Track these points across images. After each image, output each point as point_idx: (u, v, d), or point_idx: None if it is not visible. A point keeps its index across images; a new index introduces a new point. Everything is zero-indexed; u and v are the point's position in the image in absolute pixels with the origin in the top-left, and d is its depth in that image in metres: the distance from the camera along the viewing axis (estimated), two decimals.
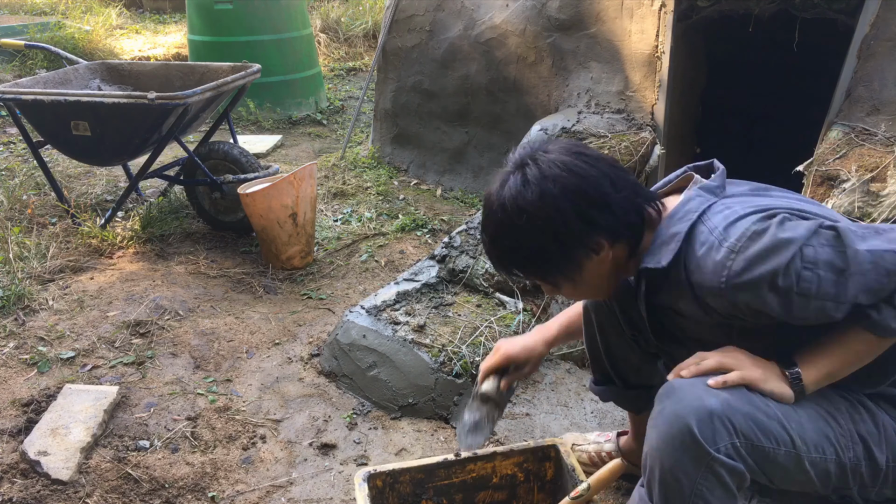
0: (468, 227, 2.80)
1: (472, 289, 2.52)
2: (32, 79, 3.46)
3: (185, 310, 2.76)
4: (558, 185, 1.23)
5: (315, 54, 5.93)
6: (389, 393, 2.21)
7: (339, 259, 3.28)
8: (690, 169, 1.40)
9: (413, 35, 4.13)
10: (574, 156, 1.26)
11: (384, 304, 2.43)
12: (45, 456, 1.93)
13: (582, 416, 2.21)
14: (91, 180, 4.23)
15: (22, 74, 6.24)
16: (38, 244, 3.18)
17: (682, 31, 3.26)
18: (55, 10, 8.89)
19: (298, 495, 1.90)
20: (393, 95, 4.33)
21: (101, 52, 6.76)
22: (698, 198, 1.27)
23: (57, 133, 3.25)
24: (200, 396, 2.28)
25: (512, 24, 3.70)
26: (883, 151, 2.55)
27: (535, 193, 1.23)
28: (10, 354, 2.45)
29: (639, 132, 3.26)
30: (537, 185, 1.23)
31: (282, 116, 5.61)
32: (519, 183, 1.25)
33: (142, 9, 10.44)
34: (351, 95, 6.49)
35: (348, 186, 4.08)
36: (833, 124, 2.76)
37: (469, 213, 3.77)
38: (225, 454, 2.03)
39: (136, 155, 3.34)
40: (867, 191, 2.46)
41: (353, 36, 7.89)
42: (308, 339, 2.62)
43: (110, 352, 2.49)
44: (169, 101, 2.94)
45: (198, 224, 3.58)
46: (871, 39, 2.69)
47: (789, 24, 3.00)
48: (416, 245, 3.41)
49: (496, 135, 3.95)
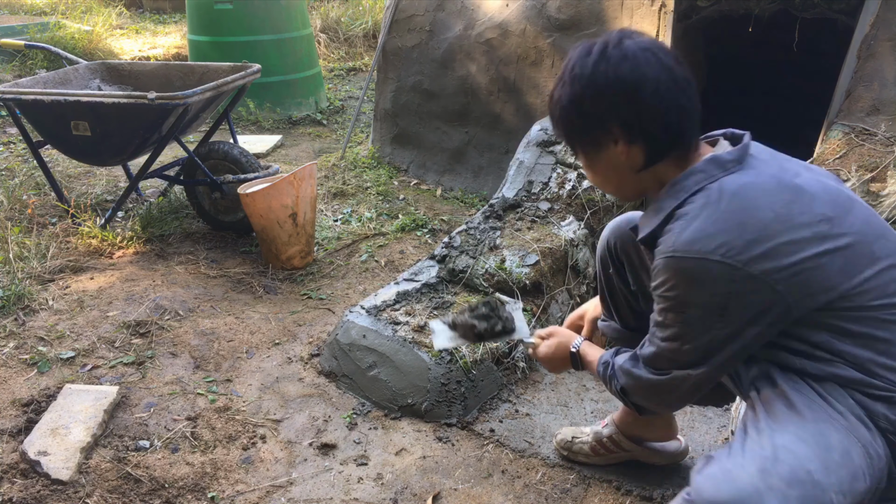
0: (468, 227, 2.80)
1: (472, 289, 2.52)
2: (32, 79, 3.46)
3: (185, 310, 2.76)
4: (610, 64, 1.30)
5: (315, 54, 5.93)
6: (389, 393, 2.21)
7: (339, 259, 3.28)
8: (727, 135, 1.42)
9: (413, 35, 4.13)
10: (647, 52, 1.31)
11: (384, 304, 2.43)
12: (45, 456, 1.93)
13: (582, 415, 2.21)
14: (91, 180, 4.23)
15: (22, 74, 6.24)
16: (38, 244, 3.18)
17: (682, 31, 3.26)
18: (55, 10, 8.89)
19: (298, 495, 1.90)
20: (393, 95, 4.33)
21: (101, 52, 6.76)
22: (700, 173, 1.32)
23: (57, 133, 3.25)
24: (200, 396, 2.28)
25: (512, 24, 3.70)
26: (883, 151, 2.55)
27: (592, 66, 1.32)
28: (10, 354, 2.45)
29: None
30: (598, 55, 1.32)
31: (282, 116, 5.61)
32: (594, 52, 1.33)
33: (142, 9, 10.44)
34: (351, 95, 6.49)
35: (348, 186, 4.08)
36: (833, 124, 2.76)
37: (469, 213, 3.78)
38: (225, 454, 2.04)
39: (136, 155, 3.34)
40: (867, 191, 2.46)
41: (353, 36, 7.89)
42: (308, 339, 2.62)
43: (110, 352, 2.49)
44: (169, 101, 2.94)
45: (198, 224, 3.58)
46: (871, 39, 2.69)
47: (789, 24, 3.00)
48: (416, 245, 3.41)
49: (496, 135, 3.95)
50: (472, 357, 2.22)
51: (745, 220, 1.22)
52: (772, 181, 1.28)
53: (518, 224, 2.83)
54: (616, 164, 1.39)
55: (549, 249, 2.64)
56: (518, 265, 2.53)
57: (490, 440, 2.09)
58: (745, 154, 1.33)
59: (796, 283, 1.21)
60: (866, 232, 1.28)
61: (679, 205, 1.31)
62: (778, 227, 1.22)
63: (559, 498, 1.87)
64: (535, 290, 2.55)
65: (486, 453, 2.04)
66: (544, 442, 2.08)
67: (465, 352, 2.22)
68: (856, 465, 1.19)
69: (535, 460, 2.01)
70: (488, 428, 2.13)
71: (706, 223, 1.24)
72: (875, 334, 1.24)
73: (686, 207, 1.29)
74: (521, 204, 2.95)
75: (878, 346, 1.24)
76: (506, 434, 2.11)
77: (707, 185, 1.29)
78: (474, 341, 1.90)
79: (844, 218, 1.26)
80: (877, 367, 1.24)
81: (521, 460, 2.01)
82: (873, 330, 1.24)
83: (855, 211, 1.30)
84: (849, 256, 1.24)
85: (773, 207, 1.24)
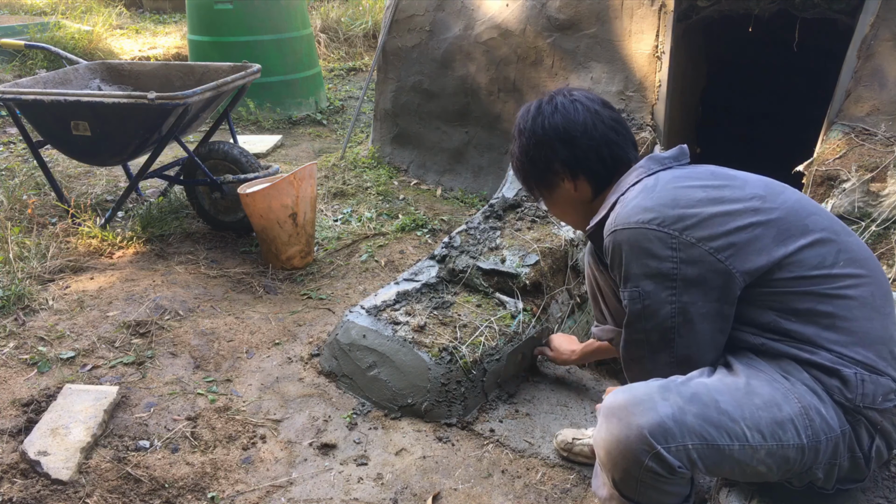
0: (468, 227, 2.80)
1: (472, 289, 2.52)
2: (32, 79, 3.46)
3: (185, 310, 2.76)
4: (546, 117, 1.54)
5: (315, 54, 5.93)
6: (389, 393, 2.21)
7: (339, 259, 3.28)
8: None
9: (413, 35, 4.13)
10: (576, 103, 1.54)
11: (384, 304, 2.43)
12: (45, 456, 1.93)
13: (582, 415, 2.21)
14: (91, 180, 4.23)
15: (22, 74, 6.24)
16: (38, 244, 3.18)
17: (682, 31, 3.26)
18: (55, 10, 8.89)
19: (298, 495, 1.90)
20: (393, 95, 4.33)
21: (101, 52, 6.76)
22: (639, 168, 1.48)
23: (57, 133, 3.25)
24: (200, 396, 2.28)
25: (512, 24, 3.70)
26: (883, 151, 2.55)
27: (532, 119, 1.57)
28: (10, 354, 2.45)
29: (639, 132, 3.26)
30: (536, 112, 1.57)
31: (282, 116, 5.61)
32: (527, 109, 1.59)
33: (142, 9, 10.44)
34: (351, 95, 6.49)
35: (348, 186, 4.08)
36: (833, 124, 2.76)
37: (469, 213, 3.78)
38: (225, 454, 2.04)
39: (136, 155, 3.34)
40: (867, 191, 2.46)
41: (353, 36, 7.89)
42: (308, 339, 2.62)
43: (110, 352, 2.49)
44: (169, 101, 2.94)
45: (198, 224, 3.58)
46: (871, 39, 2.69)
47: (789, 24, 3.00)
48: (416, 245, 3.41)
49: (496, 135, 3.95)
50: (472, 357, 2.22)
51: (677, 196, 1.34)
52: (706, 171, 1.43)
53: (518, 224, 2.83)
54: (570, 199, 1.60)
55: (550, 249, 2.64)
56: (518, 265, 2.53)
57: (490, 440, 2.09)
58: (683, 155, 1.50)
59: (733, 251, 1.29)
60: (797, 209, 1.35)
61: (621, 195, 1.45)
62: (709, 202, 1.33)
63: (559, 498, 1.87)
64: (535, 290, 2.55)
65: (486, 453, 2.04)
66: (544, 442, 2.08)
67: (464, 352, 2.22)
68: (783, 415, 1.25)
69: (535, 460, 2.01)
70: (488, 428, 2.13)
71: (642, 201, 1.36)
72: (817, 309, 1.29)
73: (626, 195, 1.44)
74: (522, 204, 2.95)
75: (821, 321, 1.30)
76: (506, 434, 2.11)
77: (645, 177, 1.44)
78: None
79: (776, 197, 1.36)
80: (823, 342, 1.29)
81: (521, 460, 2.01)
82: (815, 304, 1.29)
83: (787, 193, 1.39)
84: (781, 227, 1.31)
85: (704, 189, 1.36)
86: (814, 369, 1.29)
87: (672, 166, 1.46)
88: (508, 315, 2.40)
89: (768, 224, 1.31)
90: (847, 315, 1.29)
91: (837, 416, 1.28)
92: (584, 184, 1.55)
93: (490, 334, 2.30)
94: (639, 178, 1.45)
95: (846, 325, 1.29)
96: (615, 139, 1.53)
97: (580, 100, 1.54)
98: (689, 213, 1.31)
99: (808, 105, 3.18)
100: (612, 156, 1.52)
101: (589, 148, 1.51)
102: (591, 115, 1.52)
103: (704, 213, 1.31)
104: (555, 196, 1.61)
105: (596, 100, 1.56)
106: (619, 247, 1.37)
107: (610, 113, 1.55)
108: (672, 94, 3.27)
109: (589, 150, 1.52)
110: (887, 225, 2.37)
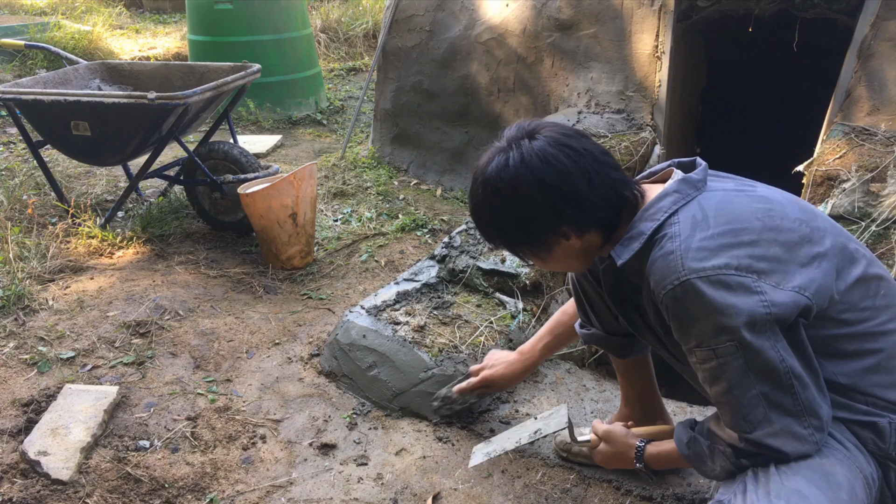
0: (468, 227, 2.80)
1: (472, 289, 2.52)
2: (32, 79, 3.46)
3: (185, 310, 2.76)
4: (535, 175, 1.27)
5: (315, 54, 5.93)
6: (389, 393, 2.21)
7: (339, 259, 3.28)
8: (674, 164, 1.41)
9: (413, 35, 4.13)
10: (559, 147, 1.28)
11: (384, 304, 2.43)
12: (45, 456, 1.93)
13: (582, 416, 2.21)
14: (91, 180, 4.23)
15: (22, 74, 6.24)
16: (38, 244, 3.18)
17: (682, 31, 3.26)
18: (55, 11, 8.89)
19: (298, 495, 1.90)
20: (393, 95, 4.33)
21: (101, 52, 6.76)
22: (675, 194, 1.30)
23: (57, 133, 3.25)
24: (200, 396, 2.28)
25: (512, 24, 3.70)
26: (883, 151, 2.55)
27: (512, 178, 1.28)
28: (10, 354, 2.45)
29: (639, 132, 3.26)
30: (515, 170, 1.28)
31: (282, 116, 5.61)
32: (501, 164, 1.30)
33: (142, 9, 10.44)
34: (351, 95, 6.49)
35: (348, 186, 4.08)
36: (833, 124, 2.76)
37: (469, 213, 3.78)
38: (225, 454, 2.04)
39: (136, 155, 3.34)
40: (867, 191, 2.46)
41: (353, 36, 7.89)
42: (308, 339, 2.62)
43: (110, 352, 2.49)
44: (169, 101, 2.94)
45: (198, 224, 3.58)
46: (871, 39, 2.69)
47: (789, 24, 3.00)
48: (416, 245, 3.41)
49: (496, 135, 3.94)
50: (472, 358, 2.22)
51: (738, 230, 1.22)
52: (741, 195, 1.30)
53: None
54: (573, 253, 1.37)
55: None
56: (518, 265, 2.53)
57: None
58: (707, 175, 1.35)
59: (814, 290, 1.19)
60: (837, 232, 1.29)
61: (659, 226, 1.28)
62: (769, 234, 1.22)
63: (559, 498, 1.87)
64: (535, 290, 2.55)
65: None
66: (544, 442, 2.08)
67: (464, 352, 2.22)
68: (859, 500, 1.20)
69: (535, 460, 2.01)
70: (488, 428, 2.13)
71: (705, 242, 1.21)
72: (865, 348, 1.22)
73: (671, 229, 1.26)
74: None
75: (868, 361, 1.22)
76: None
77: (684, 204, 1.28)
78: None
79: (815, 220, 1.28)
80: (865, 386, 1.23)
81: (521, 460, 2.01)
82: (863, 344, 1.23)
83: (818, 213, 1.32)
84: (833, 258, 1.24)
85: (756, 216, 1.25)
86: (851, 424, 1.24)
87: (704, 190, 1.31)
88: (508, 315, 2.40)
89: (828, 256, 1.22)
90: (893, 352, 1.21)
91: (870, 464, 1.24)
92: (595, 234, 1.34)
93: (490, 334, 2.30)
94: (677, 206, 1.28)
95: (890, 365, 1.21)
96: (615, 177, 1.32)
97: (560, 142, 1.30)
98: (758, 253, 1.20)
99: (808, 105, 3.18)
100: (619, 197, 1.32)
101: (599, 198, 1.29)
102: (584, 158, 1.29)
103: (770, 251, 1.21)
104: (552, 254, 1.38)
105: (572, 134, 1.33)
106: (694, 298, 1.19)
107: (594, 144, 1.33)
108: (672, 94, 3.27)
109: (599, 201, 1.29)
110: (887, 225, 2.37)
